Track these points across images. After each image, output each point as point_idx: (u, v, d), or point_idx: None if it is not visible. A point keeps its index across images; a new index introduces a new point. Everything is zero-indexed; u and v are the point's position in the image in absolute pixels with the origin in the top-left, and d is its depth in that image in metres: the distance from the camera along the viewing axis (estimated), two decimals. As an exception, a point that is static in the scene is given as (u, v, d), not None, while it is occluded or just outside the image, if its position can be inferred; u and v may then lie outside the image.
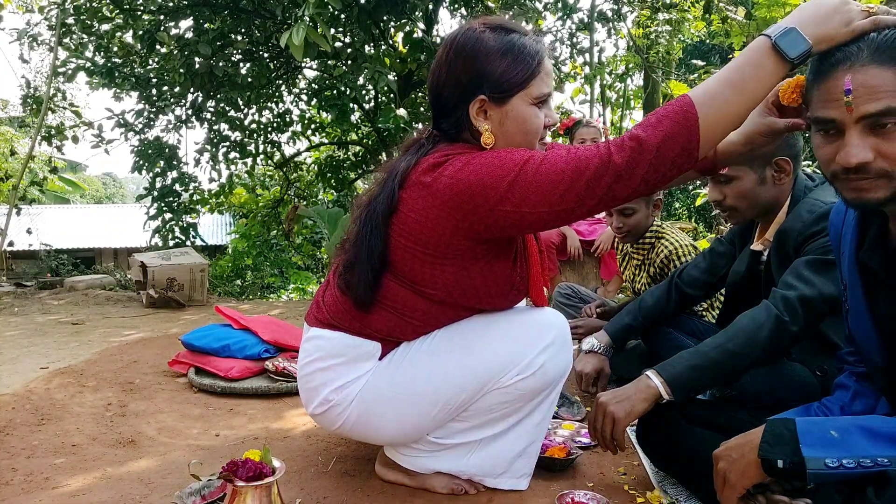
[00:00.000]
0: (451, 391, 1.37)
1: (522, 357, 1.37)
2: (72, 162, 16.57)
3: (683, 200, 16.46)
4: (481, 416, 1.43)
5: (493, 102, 1.30)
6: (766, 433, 1.04)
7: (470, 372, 1.36)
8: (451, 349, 1.38)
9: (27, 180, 7.51)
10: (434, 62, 1.36)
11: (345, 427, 1.45)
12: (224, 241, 15.20)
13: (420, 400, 1.38)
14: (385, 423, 1.42)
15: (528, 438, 1.47)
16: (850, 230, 1.15)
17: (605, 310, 2.54)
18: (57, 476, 1.64)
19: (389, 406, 1.39)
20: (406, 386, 1.38)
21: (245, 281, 8.61)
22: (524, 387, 1.39)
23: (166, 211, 6.78)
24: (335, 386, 1.41)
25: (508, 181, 1.19)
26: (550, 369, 1.40)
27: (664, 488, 1.50)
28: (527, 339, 1.39)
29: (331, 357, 1.42)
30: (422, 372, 1.38)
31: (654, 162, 1.13)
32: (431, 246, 1.28)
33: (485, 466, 1.47)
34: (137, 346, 3.28)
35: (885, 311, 1.09)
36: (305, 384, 1.47)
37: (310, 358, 1.45)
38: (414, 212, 1.28)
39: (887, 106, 0.94)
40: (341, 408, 1.42)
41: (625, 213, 2.47)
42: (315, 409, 1.46)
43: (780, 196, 1.68)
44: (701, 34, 10.12)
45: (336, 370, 1.42)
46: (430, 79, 1.37)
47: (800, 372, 1.63)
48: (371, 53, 6.00)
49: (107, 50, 6.65)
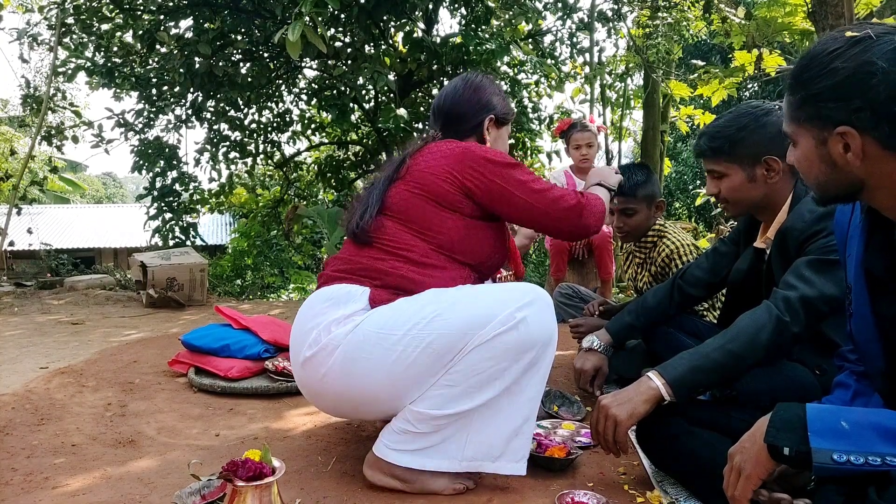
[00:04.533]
0: (433, 334, 1.42)
1: (502, 310, 1.44)
2: (72, 162, 16.55)
3: (683, 200, 16.45)
4: (469, 378, 1.42)
5: (495, 123, 1.81)
6: (774, 418, 1.02)
7: (453, 319, 1.43)
8: (436, 301, 1.47)
9: (27, 180, 7.51)
10: (451, 89, 1.82)
11: (329, 376, 1.47)
12: (224, 241, 15.21)
13: (404, 341, 1.43)
14: (369, 367, 1.44)
15: (523, 414, 1.47)
16: (858, 233, 1.14)
17: (606, 308, 2.54)
18: (57, 476, 1.64)
19: (375, 347, 1.44)
20: (391, 328, 1.44)
21: (245, 281, 8.62)
22: (507, 340, 1.42)
23: (166, 211, 6.78)
24: (324, 324, 1.49)
25: (510, 162, 1.65)
26: (532, 325, 1.44)
27: (664, 488, 1.50)
28: (507, 298, 1.47)
29: (321, 302, 1.54)
30: (407, 317, 1.45)
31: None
32: (439, 195, 1.59)
33: (482, 450, 1.46)
34: (137, 346, 3.28)
35: (888, 316, 1.09)
36: (299, 331, 1.55)
37: (306, 308, 1.57)
38: (427, 166, 1.62)
39: (783, 128, 1.13)
40: (328, 350, 1.47)
41: (626, 214, 2.47)
42: (305, 352, 1.50)
43: (775, 194, 1.68)
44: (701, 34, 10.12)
45: (326, 312, 1.51)
46: (448, 98, 1.80)
47: (799, 372, 1.63)
48: (371, 53, 6.00)
49: (107, 50, 6.65)
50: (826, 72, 0.99)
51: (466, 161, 1.62)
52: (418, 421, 1.45)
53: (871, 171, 1.00)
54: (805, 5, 5.29)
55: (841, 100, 0.98)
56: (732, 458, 1.09)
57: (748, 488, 1.05)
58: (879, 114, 0.95)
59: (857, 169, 1.00)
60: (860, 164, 0.99)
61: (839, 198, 1.09)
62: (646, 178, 2.44)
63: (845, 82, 0.97)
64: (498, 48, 5.61)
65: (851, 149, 0.99)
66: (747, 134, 1.63)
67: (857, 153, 0.98)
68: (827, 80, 0.99)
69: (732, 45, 6.74)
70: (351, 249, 1.65)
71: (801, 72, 1.04)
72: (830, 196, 1.08)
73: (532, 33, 7.47)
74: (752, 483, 1.04)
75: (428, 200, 1.59)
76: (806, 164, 1.08)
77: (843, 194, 1.07)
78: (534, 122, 7.48)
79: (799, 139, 1.08)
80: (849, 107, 0.97)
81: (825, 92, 0.99)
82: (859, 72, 0.96)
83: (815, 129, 1.03)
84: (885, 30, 0.97)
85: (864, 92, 0.96)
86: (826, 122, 1.01)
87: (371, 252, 1.59)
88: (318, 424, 2.01)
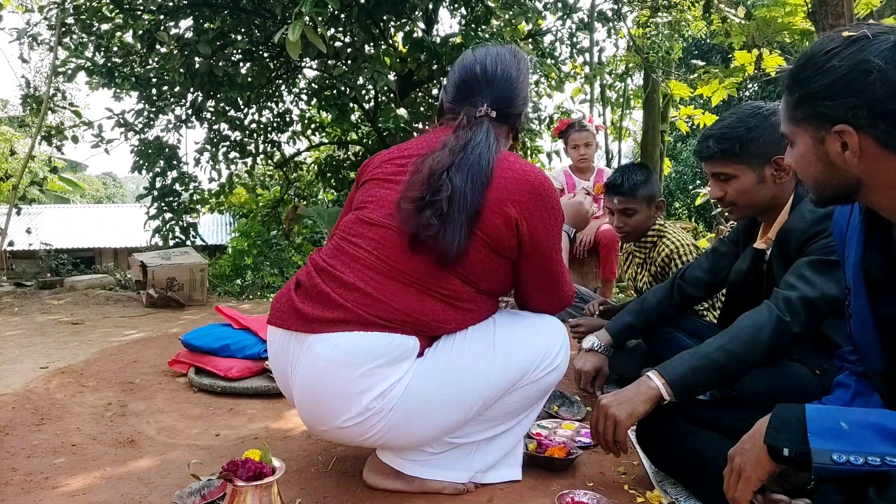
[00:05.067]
0: (492, 389, 1.39)
1: (549, 352, 1.47)
2: (72, 162, 16.57)
3: (683, 200, 16.44)
4: (500, 413, 1.46)
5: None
6: (773, 418, 1.02)
7: (510, 369, 1.41)
8: (491, 346, 1.40)
9: (27, 180, 7.51)
10: (502, 60, 1.48)
11: (377, 435, 1.33)
12: (224, 240, 15.20)
13: (463, 399, 1.36)
14: (425, 427, 1.35)
15: (525, 431, 1.57)
16: (856, 234, 1.14)
17: (606, 308, 2.54)
18: (57, 476, 1.63)
19: (433, 408, 1.33)
20: (451, 387, 1.33)
21: (245, 281, 8.60)
22: (547, 381, 1.48)
23: (166, 211, 6.78)
24: (378, 391, 1.28)
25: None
26: (564, 365, 1.52)
27: (664, 488, 1.50)
28: (550, 337, 1.50)
29: (370, 360, 1.27)
30: (465, 373, 1.35)
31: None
32: (494, 240, 1.35)
33: (486, 462, 1.51)
34: (137, 345, 3.28)
35: (887, 317, 1.08)
36: (332, 396, 1.30)
37: (340, 365, 1.27)
38: (496, 196, 1.34)
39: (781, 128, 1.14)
40: (381, 415, 1.30)
41: (626, 214, 2.47)
42: (350, 421, 1.30)
43: (781, 195, 1.67)
44: (701, 34, 10.12)
45: (378, 373, 1.27)
46: (501, 70, 1.47)
47: (799, 372, 1.63)
48: (371, 53, 6.00)
49: (107, 50, 6.65)
50: (823, 70, 1.00)
51: (533, 200, 1.36)
52: (437, 444, 1.46)
53: (869, 170, 1.00)
54: (805, 5, 5.29)
55: (838, 98, 0.98)
56: (732, 459, 1.09)
57: (748, 489, 1.05)
58: (876, 111, 0.96)
59: (854, 168, 1.00)
60: (858, 163, 1.00)
61: (837, 198, 1.09)
62: (645, 178, 2.44)
63: (842, 80, 0.98)
64: (498, 48, 5.59)
65: (849, 147, 0.99)
66: (757, 134, 1.61)
67: (855, 151, 0.99)
68: (824, 78, 1.00)
69: (732, 45, 6.75)
70: (388, 286, 1.32)
71: (799, 71, 1.04)
72: (828, 196, 1.08)
73: (532, 33, 7.46)
74: (752, 484, 1.04)
75: (492, 250, 1.36)
76: (804, 163, 1.08)
77: (841, 194, 1.07)
78: (534, 122, 7.49)
79: (797, 139, 1.08)
80: (846, 105, 0.98)
81: (822, 90, 1.00)
82: (856, 70, 0.96)
83: (813, 129, 1.04)
84: (882, 29, 0.98)
85: (861, 90, 0.96)
86: (823, 121, 1.01)
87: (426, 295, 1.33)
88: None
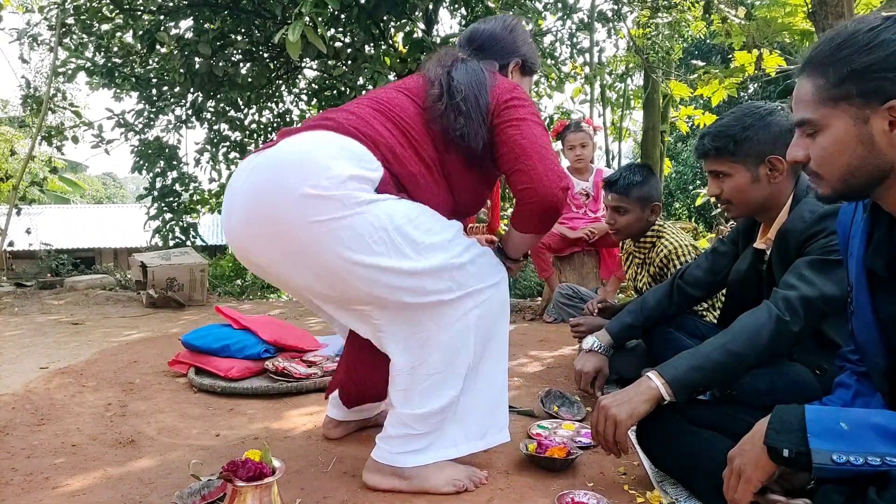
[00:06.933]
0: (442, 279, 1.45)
1: (484, 280, 1.52)
2: (72, 162, 16.54)
3: (683, 200, 16.45)
4: (444, 361, 1.47)
5: (520, 68, 1.76)
6: (773, 419, 1.02)
7: (472, 276, 1.50)
8: (454, 243, 1.50)
9: (27, 180, 7.51)
10: (488, 25, 1.74)
11: (318, 228, 1.35)
12: (224, 241, 15.18)
13: (422, 262, 1.42)
14: (365, 254, 1.37)
15: (498, 385, 1.59)
16: (860, 231, 1.13)
17: (606, 306, 2.54)
18: (57, 476, 1.64)
19: (385, 242, 1.38)
20: (413, 237, 1.41)
21: (245, 281, 8.60)
22: (477, 315, 1.50)
23: (166, 211, 6.78)
24: (341, 173, 1.36)
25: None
26: (496, 300, 1.55)
27: (664, 488, 1.50)
28: (487, 269, 1.56)
29: (339, 148, 1.41)
30: (431, 238, 1.44)
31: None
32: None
33: (471, 431, 1.55)
34: (137, 346, 3.28)
35: (889, 314, 1.08)
36: (306, 160, 1.38)
37: (319, 140, 1.43)
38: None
39: (801, 117, 1.05)
40: (339, 205, 1.35)
41: (617, 211, 2.47)
42: (308, 188, 1.35)
43: (778, 194, 1.67)
44: (701, 34, 10.12)
45: (342, 159, 1.38)
46: (484, 32, 1.72)
47: (800, 372, 1.63)
48: (371, 53, 6.00)
49: (107, 50, 6.65)
50: (873, 46, 0.96)
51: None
52: (416, 422, 1.48)
53: None
54: (805, 5, 5.29)
55: (892, 71, 0.94)
56: (732, 460, 1.09)
57: (748, 491, 1.05)
58: None
59: (894, 150, 0.97)
60: None
61: (861, 189, 1.04)
62: (643, 179, 2.43)
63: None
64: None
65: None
66: (752, 133, 1.62)
67: None
68: (876, 52, 0.95)
69: (732, 45, 6.75)
70: (375, 116, 1.50)
71: (837, 50, 0.99)
72: (853, 187, 1.03)
73: (532, 33, 7.45)
74: (752, 486, 1.04)
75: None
76: (839, 147, 1.01)
77: (867, 185, 1.02)
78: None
79: (831, 122, 1.02)
80: None
81: (876, 64, 0.95)
82: None
83: (856, 108, 0.98)
84: None
85: None
86: (870, 99, 0.97)
87: (393, 129, 1.49)
88: (318, 424, 2.01)
